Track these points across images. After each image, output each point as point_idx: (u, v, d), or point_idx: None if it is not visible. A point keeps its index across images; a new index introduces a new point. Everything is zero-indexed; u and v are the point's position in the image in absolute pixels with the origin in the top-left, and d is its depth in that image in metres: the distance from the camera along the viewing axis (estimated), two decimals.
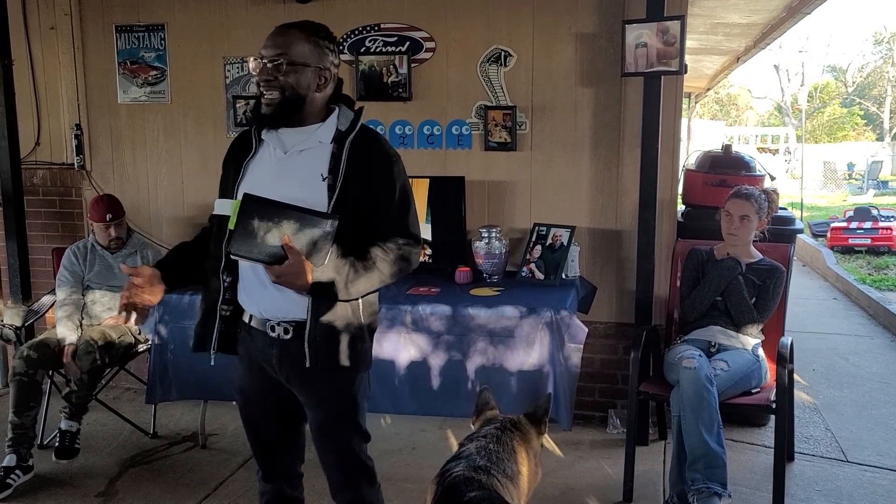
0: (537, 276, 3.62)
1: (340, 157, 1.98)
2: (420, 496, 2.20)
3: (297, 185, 1.96)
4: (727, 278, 3.26)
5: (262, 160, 2.05)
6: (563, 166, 3.88)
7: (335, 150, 1.99)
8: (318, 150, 2.01)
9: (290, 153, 2.01)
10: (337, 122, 2.03)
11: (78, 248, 3.84)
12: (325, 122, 2.03)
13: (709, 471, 2.83)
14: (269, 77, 1.95)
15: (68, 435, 3.51)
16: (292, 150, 2.01)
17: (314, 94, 2.00)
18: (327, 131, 2.02)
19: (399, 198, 2.02)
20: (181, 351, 3.43)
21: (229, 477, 3.42)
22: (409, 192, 2.06)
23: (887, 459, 3.60)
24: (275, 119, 1.99)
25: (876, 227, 10.63)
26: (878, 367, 5.21)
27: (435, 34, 3.94)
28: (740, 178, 3.88)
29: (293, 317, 2.01)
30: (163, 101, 4.34)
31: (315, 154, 2.01)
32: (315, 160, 2.00)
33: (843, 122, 36.85)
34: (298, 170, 2.00)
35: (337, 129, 2.02)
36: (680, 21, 3.43)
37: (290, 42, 1.97)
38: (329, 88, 2.04)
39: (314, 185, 1.96)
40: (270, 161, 2.03)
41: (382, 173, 2.01)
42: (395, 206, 2.02)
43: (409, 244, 2.02)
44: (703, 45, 7.26)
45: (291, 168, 2.00)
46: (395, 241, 2.00)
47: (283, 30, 2.00)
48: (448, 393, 3.18)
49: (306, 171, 1.99)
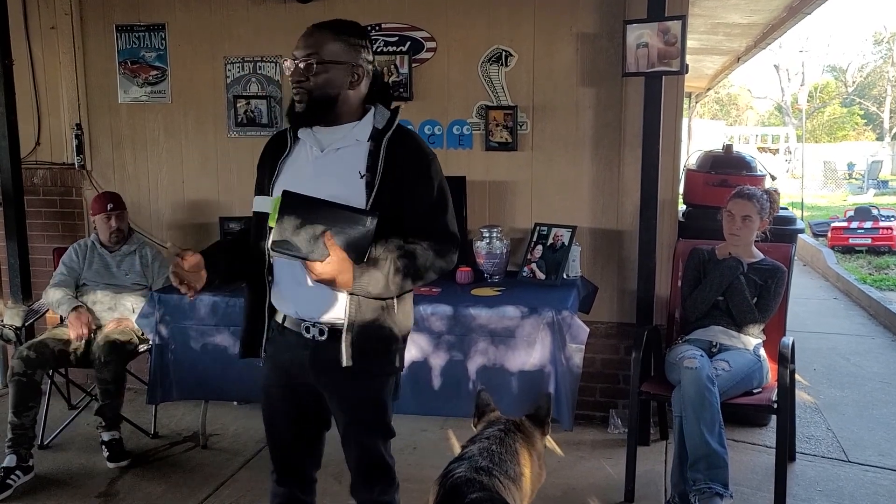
0: (538, 276, 3.62)
1: (378, 155, 1.98)
2: (421, 496, 2.20)
3: (335, 182, 1.97)
4: (728, 278, 3.25)
5: (297, 158, 2.06)
6: (564, 166, 3.87)
7: (372, 147, 2.00)
8: (355, 148, 2.01)
9: (327, 151, 2.02)
10: (373, 121, 2.04)
11: (79, 246, 3.86)
12: (362, 121, 2.04)
13: (710, 471, 2.83)
14: (300, 77, 1.97)
15: (114, 442, 3.52)
16: (329, 148, 2.02)
17: (347, 91, 2.00)
18: (364, 129, 2.03)
19: (437, 196, 2.03)
20: (182, 351, 3.43)
21: (230, 477, 3.41)
22: (446, 191, 2.06)
23: (889, 459, 3.60)
24: (307, 118, 2.00)
25: (876, 227, 10.63)
26: (879, 367, 5.21)
27: (436, 34, 3.93)
28: (741, 178, 3.88)
29: (330, 318, 2.01)
30: (163, 100, 4.33)
31: (352, 152, 2.01)
32: (352, 158, 2.00)
33: (843, 121, 36.88)
34: (336, 167, 2.00)
35: (374, 128, 2.03)
36: (681, 21, 3.43)
37: (320, 42, 1.97)
38: (364, 85, 2.03)
39: (352, 183, 1.97)
40: (307, 159, 2.04)
41: (420, 171, 2.01)
42: (433, 205, 2.02)
43: (447, 243, 2.03)
44: (704, 45, 7.26)
45: (328, 166, 2.01)
46: (433, 239, 2.00)
47: (313, 30, 2.00)
48: (449, 393, 3.18)
49: (344, 168, 1.99)
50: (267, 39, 4.13)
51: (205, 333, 3.40)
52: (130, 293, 3.78)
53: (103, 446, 3.50)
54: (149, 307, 3.47)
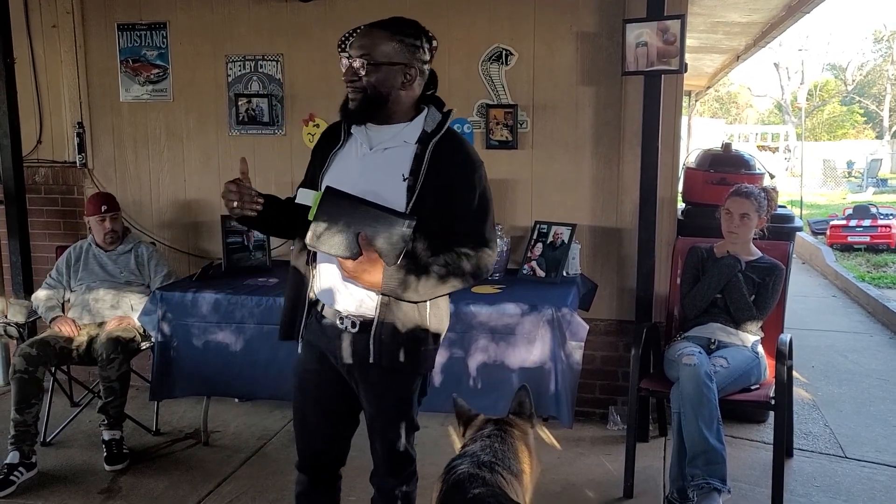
0: (538, 274, 3.64)
1: (423, 159, 1.99)
2: (423, 492, 2.22)
3: (378, 182, 1.99)
4: (727, 276, 3.27)
5: (348, 154, 2.09)
6: (564, 164, 3.89)
7: (419, 150, 2.01)
8: (402, 150, 2.02)
9: (375, 150, 2.04)
10: (424, 123, 2.05)
11: (74, 249, 3.89)
12: (413, 122, 2.05)
13: (709, 467, 2.85)
14: (352, 77, 1.99)
15: (113, 443, 3.52)
16: (377, 147, 2.04)
17: (399, 92, 2.00)
18: (413, 131, 2.04)
19: (478, 204, 2.03)
20: (184, 348, 3.45)
21: (232, 474, 3.43)
22: (488, 199, 2.07)
23: (885, 455, 3.62)
24: (358, 116, 2.03)
25: (875, 225, 10.67)
26: (876, 364, 5.23)
27: (436, 32, 3.89)
28: (740, 177, 3.90)
29: (363, 312, 2.04)
30: (165, 99, 4.35)
31: (399, 153, 2.02)
32: (398, 159, 2.01)
33: (842, 120, 36.88)
34: (381, 167, 2.02)
35: (423, 130, 2.04)
36: (680, 20, 3.44)
37: (374, 42, 1.99)
38: (417, 86, 2.04)
39: (395, 185, 1.98)
40: (355, 156, 2.06)
41: (463, 178, 2.02)
42: (474, 212, 2.03)
43: (484, 251, 2.04)
44: (703, 44, 7.27)
45: (375, 165, 2.02)
46: (470, 246, 2.01)
47: (369, 29, 2.02)
48: (450, 389, 3.18)
49: (388, 169, 2.01)
50: (268, 38, 4.15)
51: (207, 331, 3.42)
52: (130, 291, 3.80)
53: (103, 446, 3.52)
54: (151, 305, 3.49)
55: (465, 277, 2.01)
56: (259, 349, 3.35)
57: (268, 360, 3.35)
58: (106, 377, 3.47)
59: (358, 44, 2.00)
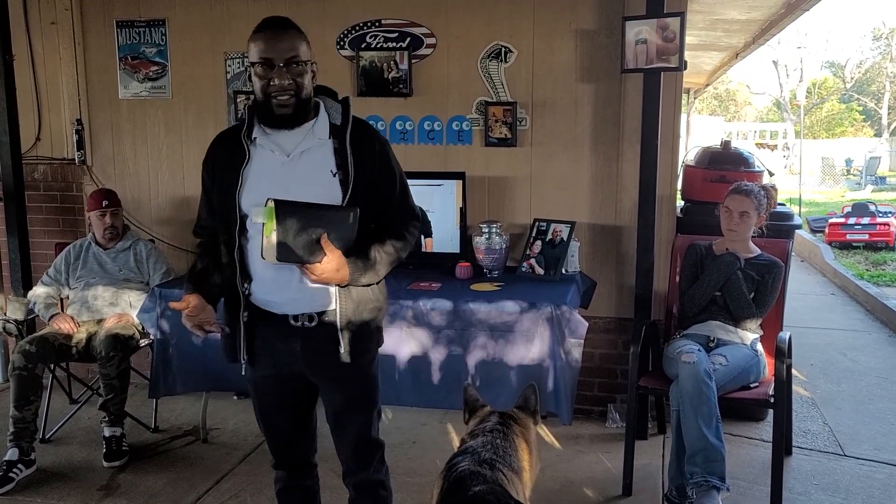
0: (537, 272, 3.64)
1: (345, 152, 2.03)
2: (422, 489, 2.22)
3: (309, 184, 1.99)
4: (726, 273, 3.27)
5: (261, 165, 2.03)
6: (563, 162, 3.89)
7: (336, 145, 2.04)
8: (320, 148, 2.04)
9: (293, 155, 2.03)
10: (329, 117, 2.06)
11: (74, 247, 3.89)
12: (319, 119, 2.06)
13: (708, 464, 2.85)
14: (285, 80, 1.95)
15: (113, 440, 3.52)
16: (294, 151, 2.03)
17: (311, 90, 2.03)
18: (322, 127, 2.05)
19: (399, 182, 2.14)
20: (183, 345, 3.44)
21: (231, 471, 3.43)
22: (403, 174, 2.17)
23: (884, 453, 3.63)
24: (293, 120, 2.01)
25: (874, 223, 10.68)
26: (875, 362, 5.23)
27: (435, 30, 3.94)
28: (739, 174, 3.89)
29: (318, 308, 2.06)
30: (164, 96, 4.34)
31: (318, 152, 2.04)
32: (320, 158, 2.03)
33: (841, 117, 36.87)
34: (306, 170, 2.02)
35: (331, 124, 2.06)
36: (679, 17, 3.44)
37: (294, 43, 1.98)
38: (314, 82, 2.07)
39: (326, 183, 2.01)
40: (273, 165, 2.03)
41: (384, 163, 2.10)
42: (400, 191, 2.14)
43: (414, 223, 2.18)
44: (703, 42, 7.27)
45: (299, 169, 2.02)
46: (406, 221, 2.15)
47: (283, 29, 1.98)
48: (449, 386, 3.20)
49: (314, 169, 2.02)
50: None
51: None
52: (128, 289, 3.80)
53: (103, 442, 3.52)
54: (150, 302, 3.48)
55: (407, 249, 2.14)
56: None
57: None
58: (106, 374, 3.47)
59: (282, 46, 1.95)
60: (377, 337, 2.19)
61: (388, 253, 2.08)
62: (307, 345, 2.08)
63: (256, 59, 1.96)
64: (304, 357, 2.10)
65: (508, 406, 2.30)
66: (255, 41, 1.97)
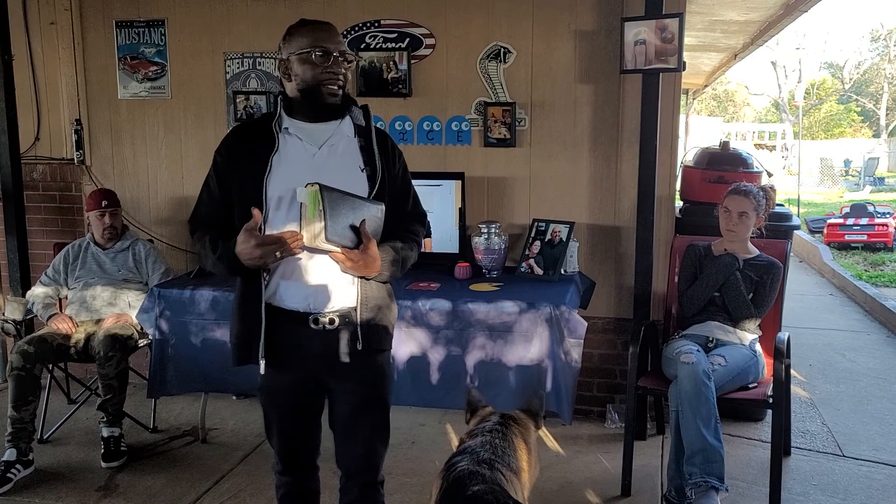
0: (536, 272, 3.64)
1: (371, 150, 2.11)
2: (420, 489, 2.22)
3: (340, 176, 2.02)
4: (725, 274, 3.28)
5: (291, 154, 2.05)
6: (562, 162, 3.89)
7: (362, 143, 2.11)
8: (348, 144, 2.11)
9: (324, 147, 2.08)
10: (353, 118, 2.13)
11: (73, 247, 3.89)
12: (346, 118, 2.12)
13: (706, 465, 2.85)
14: (340, 69, 2.04)
15: (112, 440, 3.51)
16: (325, 144, 2.08)
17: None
18: (348, 126, 2.13)
19: (411, 185, 2.26)
20: (182, 345, 3.44)
21: (230, 471, 3.43)
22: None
23: (883, 454, 3.63)
24: (338, 110, 2.09)
25: (872, 224, 10.69)
26: (873, 363, 5.24)
27: (435, 30, 3.95)
28: (738, 175, 3.90)
29: (340, 306, 2.07)
30: (163, 96, 4.34)
31: (346, 147, 2.11)
32: (348, 153, 2.10)
33: (839, 118, 36.92)
34: (337, 163, 2.07)
35: (355, 125, 2.13)
36: (678, 18, 3.44)
37: (341, 39, 2.08)
38: None
39: (355, 176, 2.07)
40: (303, 155, 2.06)
41: (401, 164, 2.21)
42: (413, 193, 2.25)
43: (423, 224, 2.28)
44: (701, 42, 7.27)
45: (330, 161, 2.07)
46: (419, 220, 2.25)
47: (330, 26, 2.09)
48: (448, 386, 3.21)
49: (344, 163, 2.08)
50: (266, 35, 4.14)
51: (204, 328, 3.41)
52: (127, 289, 3.79)
53: (102, 443, 3.51)
54: (149, 302, 3.48)
55: (420, 248, 2.22)
56: None
57: None
58: (104, 375, 3.47)
59: (337, 39, 2.07)
60: (392, 334, 2.21)
61: (409, 249, 2.15)
62: (327, 345, 2.08)
63: (311, 47, 2.01)
64: (323, 359, 2.09)
65: (508, 407, 2.30)
66: (307, 33, 2.05)
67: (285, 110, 2.11)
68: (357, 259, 1.96)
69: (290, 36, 2.08)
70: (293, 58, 2.05)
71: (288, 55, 2.07)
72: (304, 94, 2.06)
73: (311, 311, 2.05)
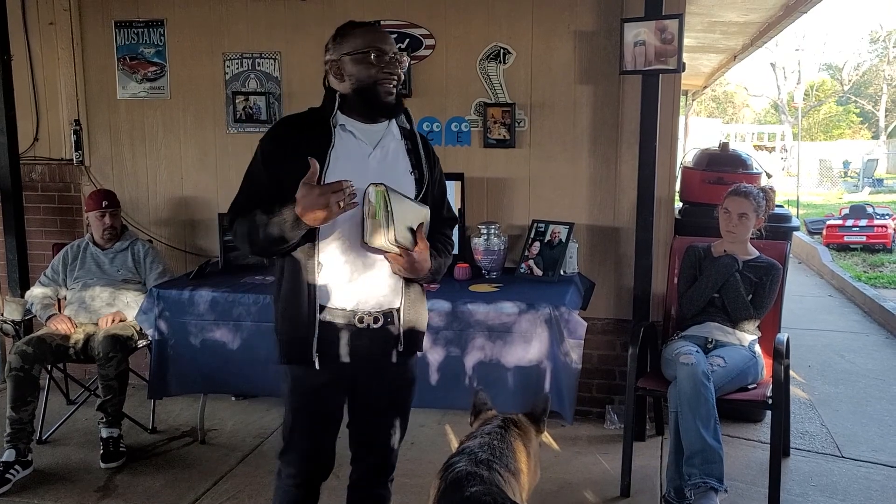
0: (536, 273, 3.64)
1: (418, 154, 2.13)
2: (419, 491, 2.22)
3: (393, 178, 2.02)
4: (724, 275, 3.28)
5: (350, 151, 2.04)
6: (561, 163, 3.89)
7: (409, 146, 2.13)
8: (397, 146, 2.12)
9: (377, 148, 2.08)
10: (397, 120, 2.15)
11: (72, 248, 3.88)
12: (393, 120, 2.13)
13: (706, 466, 2.85)
14: (394, 70, 2.05)
15: (111, 441, 3.50)
16: (378, 144, 2.08)
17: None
18: (395, 128, 2.13)
19: (446, 190, 2.30)
20: (181, 345, 3.44)
21: (228, 472, 3.43)
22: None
23: (882, 455, 3.63)
24: (394, 109, 2.09)
25: (871, 225, 10.70)
26: (872, 364, 5.24)
27: (435, 31, 3.94)
28: (737, 176, 3.90)
29: (385, 306, 2.08)
30: (162, 96, 4.34)
31: (396, 150, 2.11)
32: (397, 155, 2.11)
33: (838, 119, 36.97)
34: (390, 164, 2.08)
35: (400, 127, 2.15)
36: (678, 19, 3.44)
37: (392, 40, 2.10)
38: None
39: (405, 179, 2.09)
40: (360, 153, 2.05)
41: (438, 168, 2.24)
42: (448, 198, 2.30)
43: (453, 228, 2.34)
44: (701, 44, 7.28)
45: (384, 162, 2.07)
46: (449, 226, 2.29)
47: (382, 28, 2.14)
48: (447, 386, 3.21)
49: (396, 165, 2.10)
50: (266, 36, 4.14)
51: (204, 328, 3.41)
52: (126, 289, 3.79)
53: (101, 443, 3.51)
54: (148, 303, 3.48)
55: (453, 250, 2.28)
56: (256, 347, 3.34)
57: (265, 357, 3.33)
58: (104, 375, 3.47)
59: (390, 40, 2.09)
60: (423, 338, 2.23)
61: (447, 251, 2.21)
62: (371, 346, 2.08)
63: (367, 47, 2.02)
64: (366, 359, 2.09)
65: (508, 408, 2.30)
66: (361, 34, 2.06)
67: (342, 108, 2.07)
68: (413, 261, 1.98)
69: (342, 37, 2.08)
70: (346, 58, 2.04)
71: (340, 56, 2.06)
72: (360, 93, 2.04)
73: (356, 310, 2.05)
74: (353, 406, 2.20)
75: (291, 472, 2.17)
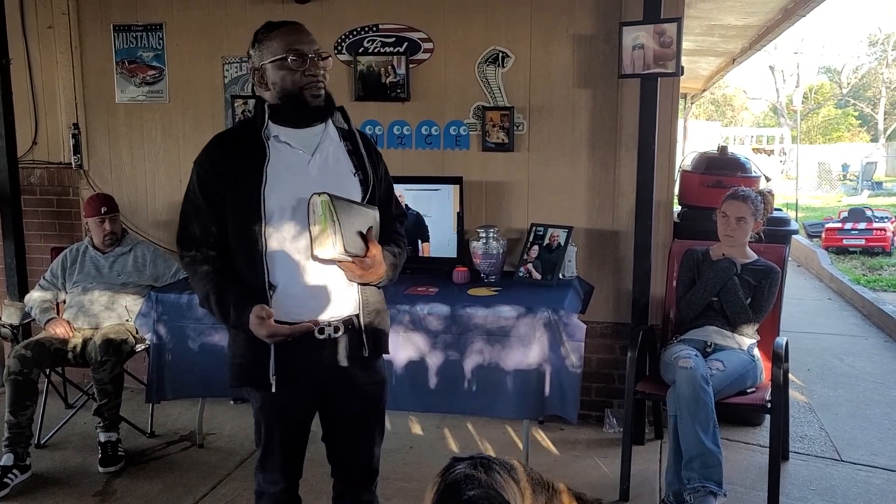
0: (535, 276, 3.64)
1: (360, 154, 2.07)
2: (417, 495, 2.21)
3: (336, 183, 1.98)
4: (723, 279, 3.28)
5: (287, 163, 1.97)
6: (560, 167, 3.89)
7: (349, 147, 2.07)
8: (337, 149, 2.06)
9: (316, 154, 2.01)
10: (334, 121, 2.09)
11: (71, 251, 3.88)
12: (329, 121, 2.06)
13: (705, 470, 2.85)
14: (319, 70, 1.96)
15: (109, 445, 3.49)
16: (316, 150, 2.02)
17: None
18: (332, 129, 2.07)
19: (393, 186, 2.23)
20: (180, 350, 3.44)
21: (227, 476, 3.42)
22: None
23: (881, 459, 3.62)
24: (323, 113, 2.03)
25: (870, 228, 10.69)
26: (872, 368, 5.23)
27: (433, 35, 3.95)
28: (736, 179, 3.90)
29: (342, 313, 2.04)
30: (161, 100, 4.34)
31: (336, 153, 2.06)
32: (340, 158, 2.06)
33: (837, 123, 37.00)
34: (332, 169, 2.03)
35: (338, 128, 2.09)
36: (676, 23, 3.44)
37: (312, 37, 2.01)
38: None
39: (349, 182, 2.04)
40: (298, 163, 1.98)
41: (383, 165, 2.17)
42: (394, 194, 2.23)
43: (403, 225, 2.26)
44: (700, 47, 7.29)
45: (325, 168, 2.02)
46: (399, 223, 2.23)
47: (299, 25, 2.01)
48: (446, 391, 3.21)
49: (338, 169, 2.04)
50: None
51: (202, 333, 3.41)
52: (125, 293, 3.78)
53: (99, 448, 3.50)
54: (147, 307, 3.48)
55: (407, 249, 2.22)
56: None
57: None
58: (99, 379, 3.46)
59: (310, 39, 1.99)
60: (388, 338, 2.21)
61: (402, 250, 2.15)
62: (332, 356, 2.04)
63: (286, 51, 1.93)
64: (327, 369, 2.04)
65: (506, 413, 2.29)
66: (279, 36, 1.95)
67: (272, 117, 1.99)
68: (367, 267, 1.94)
69: (260, 43, 1.98)
70: (267, 66, 1.95)
71: (261, 64, 1.97)
72: (286, 101, 1.97)
73: (317, 321, 1.99)
74: (327, 419, 2.16)
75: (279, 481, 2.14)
